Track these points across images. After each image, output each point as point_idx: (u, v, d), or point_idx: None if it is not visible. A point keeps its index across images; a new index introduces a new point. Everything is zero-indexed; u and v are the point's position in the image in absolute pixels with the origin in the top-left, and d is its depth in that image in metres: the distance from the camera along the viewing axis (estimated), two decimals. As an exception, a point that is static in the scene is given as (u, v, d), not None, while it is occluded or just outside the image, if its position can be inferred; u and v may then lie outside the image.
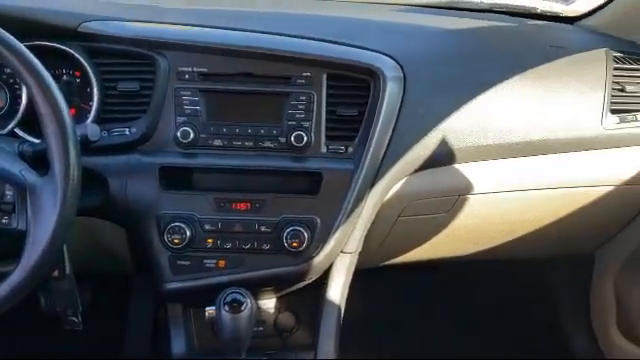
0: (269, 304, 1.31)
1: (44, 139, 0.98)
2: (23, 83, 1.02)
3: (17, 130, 1.20)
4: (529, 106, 1.28)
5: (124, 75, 1.21)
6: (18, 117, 1.20)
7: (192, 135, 1.18)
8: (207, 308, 1.14)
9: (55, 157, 0.97)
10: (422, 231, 1.37)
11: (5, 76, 1.23)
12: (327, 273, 1.25)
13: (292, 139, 1.19)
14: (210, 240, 1.19)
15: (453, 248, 1.46)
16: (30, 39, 1.14)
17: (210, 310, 1.13)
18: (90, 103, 1.20)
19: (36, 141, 1.11)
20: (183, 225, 1.17)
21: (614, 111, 1.32)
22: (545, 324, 1.85)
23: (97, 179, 1.17)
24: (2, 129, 1.20)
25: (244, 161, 1.20)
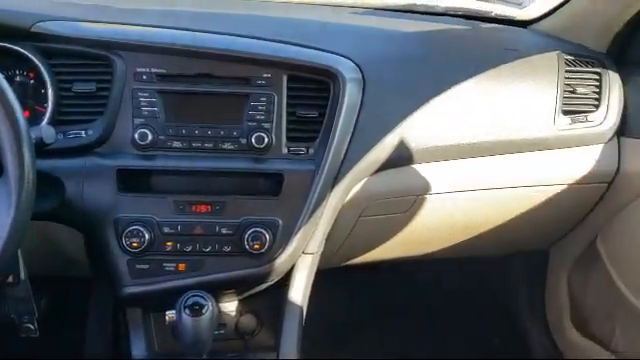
0: (230, 307, 1.30)
1: None
2: None
3: None
4: (485, 107, 1.31)
5: (80, 76, 1.19)
6: None
7: (150, 137, 1.17)
8: (167, 312, 1.13)
9: (9, 160, 0.94)
10: (382, 231, 1.39)
11: None
12: (289, 274, 1.25)
13: (252, 140, 1.19)
14: (170, 243, 1.18)
15: (412, 247, 1.48)
16: (-18, 39, 1.11)
17: (170, 314, 1.12)
18: (45, 105, 1.18)
19: None
20: (142, 228, 1.16)
21: (566, 112, 1.36)
22: (504, 320, 1.88)
23: (53, 182, 1.14)
24: None
25: (204, 163, 1.19)
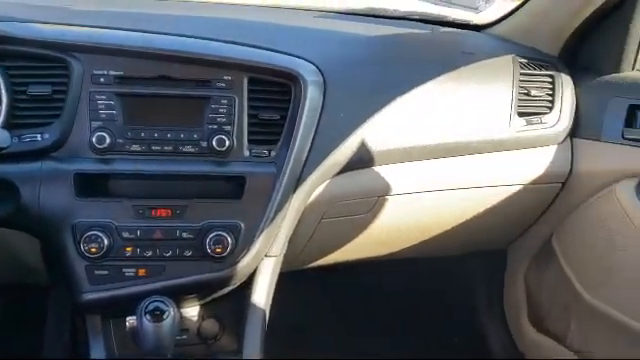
0: (192, 312, 1.28)
1: None
2: None
3: None
4: (444, 110, 1.34)
5: (35, 79, 1.16)
6: None
7: (108, 140, 1.15)
8: (128, 318, 1.11)
9: None
10: (345, 232, 1.39)
11: None
12: (251, 278, 1.25)
13: (214, 143, 1.18)
14: (129, 248, 1.16)
15: (375, 248, 1.49)
16: None
17: (131, 320, 1.11)
18: None
19: None
20: (100, 234, 1.14)
21: (521, 114, 1.40)
22: (464, 319, 1.91)
23: (7, 187, 1.12)
24: None
25: (164, 166, 1.18)
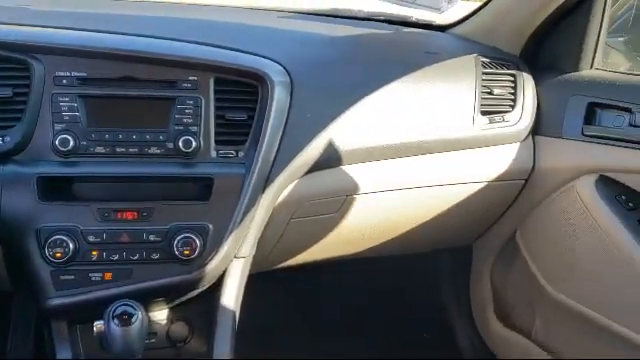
0: (161, 315, 1.27)
1: None
2: None
3: None
4: (409, 109, 1.35)
5: None
6: None
7: (72, 143, 1.13)
8: (95, 322, 1.09)
9: None
10: (314, 232, 1.40)
11: None
12: (220, 279, 1.24)
13: (180, 144, 1.17)
14: (95, 252, 1.14)
15: (344, 247, 1.50)
16: None
17: (98, 324, 1.09)
18: None
19: None
20: (65, 238, 1.12)
21: (484, 112, 1.42)
22: (432, 316, 1.93)
23: None
24: None
25: (129, 168, 1.17)
